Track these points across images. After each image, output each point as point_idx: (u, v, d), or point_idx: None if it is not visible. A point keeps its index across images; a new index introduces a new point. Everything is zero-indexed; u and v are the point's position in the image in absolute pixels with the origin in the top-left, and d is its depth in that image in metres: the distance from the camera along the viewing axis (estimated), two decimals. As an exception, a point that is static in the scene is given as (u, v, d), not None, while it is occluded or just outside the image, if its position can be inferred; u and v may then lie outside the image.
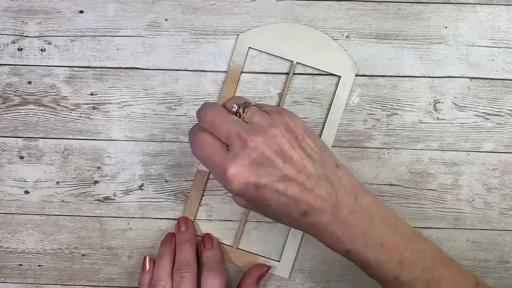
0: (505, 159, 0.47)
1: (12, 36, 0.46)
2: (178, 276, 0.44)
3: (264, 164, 0.35)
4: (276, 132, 0.35)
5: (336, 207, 0.36)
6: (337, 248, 0.38)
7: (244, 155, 0.34)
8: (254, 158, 0.34)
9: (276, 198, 0.35)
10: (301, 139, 0.36)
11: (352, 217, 0.37)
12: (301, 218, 0.36)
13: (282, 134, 0.35)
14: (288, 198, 0.35)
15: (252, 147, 0.34)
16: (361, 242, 0.37)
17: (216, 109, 0.37)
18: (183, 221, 0.46)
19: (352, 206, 0.37)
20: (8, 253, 0.48)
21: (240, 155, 0.34)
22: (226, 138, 0.35)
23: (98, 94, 0.47)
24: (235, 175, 0.34)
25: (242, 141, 0.35)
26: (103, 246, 0.48)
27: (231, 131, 0.35)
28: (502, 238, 0.47)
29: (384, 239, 0.37)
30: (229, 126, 0.36)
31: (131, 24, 0.46)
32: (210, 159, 0.36)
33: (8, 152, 0.47)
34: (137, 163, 0.47)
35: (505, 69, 0.46)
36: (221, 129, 0.36)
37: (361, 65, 0.46)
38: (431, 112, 0.46)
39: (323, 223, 0.36)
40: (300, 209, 0.36)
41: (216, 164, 0.35)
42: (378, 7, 0.46)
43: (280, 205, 0.36)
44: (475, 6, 0.46)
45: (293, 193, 0.35)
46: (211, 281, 0.44)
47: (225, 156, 0.35)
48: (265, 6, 0.46)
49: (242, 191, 0.35)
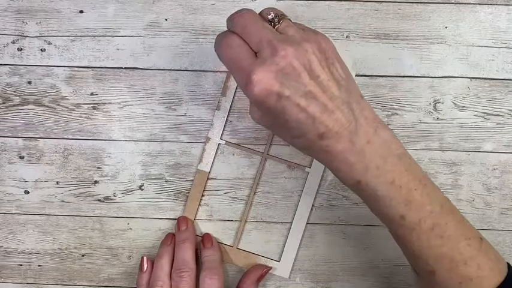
0: (505, 159, 0.47)
1: (12, 36, 0.46)
2: (177, 276, 0.44)
3: (291, 75, 0.34)
4: (308, 47, 0.34)
5: (354, 135, 0.35)
6: (346, 177, 0.37)
7: (273, 62, 0.33)
8: (282, 67, 0.33)
9: (296, 113, 0.34)
10: (330, 62, 0.35)
11: (368, 148, 0.36)
12: (317, 140, 0.35)
13: (314, 51, 0.35)
14: (307, 116, 0.34)
15: (281, 55, 0.34)
16: (372, 174, 0.36)
17: (251, 14, 0.36)
18: (183, 221, 0.46)
19: (370, 137, 0.36)
20: (8, 253, 0.48)
21: (268, 62, 0.33)
22: (257, 44, 0.34)
23: (98, 94, 0.47)
24: (260, 80, 0.33)
25: (273, 48, 0.34)
26: (103, 246, 0.48)
27: (264, 37, 0.34)
28: (502, 238, 0.47)
29: (396, 175, 0.36)
30: (262, 32, 0.35)
31: (131, 24, 0.46)
32: (236, 62, 0.35)
33: (8, 152, 0.47)
34: (137, 163, 0.47)
35: (505, 69, 0.46)
36: (253, 34, 0.35)
37: (361, 65, 0.46)
38: (431, 112, 0.46)
39: (338, 149, 0.35)
40: (318, 129, 0.35)
41: (242, 67, 0.34)
42: (378, 7, 0.46)
43: (298, 122, 0.35)
44: (475, 6, 0.46)
45: (314, 111, 0.34)
46: (210, 281, 0.44)
47: (252, 61, 0.34)
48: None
49: (263, 98, 0.34)
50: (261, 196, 0.47)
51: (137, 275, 0.46)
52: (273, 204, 0.47)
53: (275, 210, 0.47)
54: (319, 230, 0.47)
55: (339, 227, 0.47)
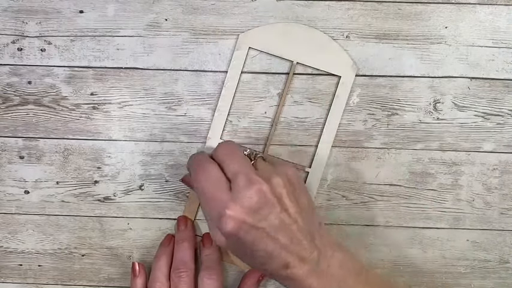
0: (505, 159, 0.47)
1: (12, 36, 0.46)
2: (175, 276, 0.44)
3: (263, 208, 0.36)
4: (279, 182, 0.37)
5: (316, 261, 0.38)
6: None
7: (248, 195, 0.36)
8: (256, 201, 0.36)
9: (265, 244, 0.36)
10: (297, 193, 0.38)
11: (328, 271, 0.38)
12: (281, 269, 0.37)
13: (284, 184, 0.37)
14: (276, 246, 0.37)
15: (256, 189, 0.36)
16: None
17: (233, 145, 0.40)
18: (183, 220, 0.46)
19: (330, 260, 0.38)
20: (8, 253, 0.48)
21: (243, 195, 0.36)
22: (234, 175, 0.37)
23: (98, 94, 0.47)
24: (233, 215, 0.36)
25: (248, 181, 0.36)
26: (103, 246, 0.48)
27: (242, 169, 0.37)
28: (502, 238, 0.47)
29: None
30: (241, 164, 0.38)
31: (131, 24, 0.46)
32: (211, 193, 0.37)
33: (8, 152, 0.47)
34: (137, 163, 0.47)
35: (505, 69, 0.46)
36: (233, 165, 0.37)
37: (361, 65, 0.46)
38: (431, 112, 0.46)
39: (301, 276, 0.37)
40: (284, 259, 0.37)
41: (216, 198, 0.37)
42: (378, 7, 0.46)
43: (265, 252, 0.37)
44: (475, 6, 0.46)
45: (283, 242, 0.37)
46: (208, 281, 0.44)
47: (227, 193, 0.36)
48: (265, 6, 0.46)
49: (235, 231, 0.36)
50: (261, 196, 0.47)
51: (130, 281, 0.46)
52: (273, 204, 0.47)
53: (275, 210, 0.47)
54: (319, 230, 0.47)
55: (339, 227, 0.47)
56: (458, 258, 0.47)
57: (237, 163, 0.38)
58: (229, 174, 0.37)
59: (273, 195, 0.36)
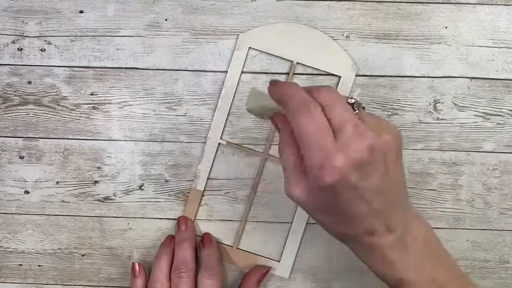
0: (505, 159, 0.47)
1: (12, 36, 0.46)
2: (176, 276, 0.44)
3: (368, 166, 0.32)
4: (388, 141, 0.33)
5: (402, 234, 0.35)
6: (387, 274, 0.36)
7: (357, 149, 0.32)
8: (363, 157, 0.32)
9: (358, 205, 0.33)
10: (400, 159, 0.35)
11: (412, 246, 0.36)
12: (364, 235, 0.35)
13: (392, 145, 0.33)
14: (368, 210, 0.33)
15: (367, 144, 0.32)
16: (415, 272, 0.36)
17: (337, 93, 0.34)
18: (183, 221, 0.46)
19: (414, 235, 0.36)
20: (8, 253, 0.48)
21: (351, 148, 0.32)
22: (341, 123, 0.32)
23: (98, 94, 0.47)
24: (339, 167, 0.31)
25: (359, 134, 0.32)
26: (103, 246, 0.48)
27: (349, 119, 0.32)
28: (502, 238, 0.47)
29: (436, 273, 0.36)
30: (348, 113, 0.33)
31: (131, 24, 0.46)
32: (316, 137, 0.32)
33: (8, 152, 0.47)
34: (137, 163, 0.47)
35: (505, 69, 0.46)
36: (338, 112, 0.33)
37: (361, 65, 0.46)
38: (431, 112, 0.46)
39: (384, 246, 0.35)
40: (371, 225, 0.34)
41: (321, 145, 0.32)
42: (378, 7, 0.46)
43: (355, 214, 0.33)
44: (475, 6, 0.46)
45: (377, 207, 0.33)
46: (208, 281, 0.43)
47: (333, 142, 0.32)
48: (265, 6, 0.46)
49: (336, 184, 0.32)
50: (261, 196, 0.47)
51: (130, 281, 0.46)
52: (273, 204, 0.47)
53: (275, 210, 0.47)
54: (319, 230, 0.47)
55: (339, 227, 0.47)
56: (458, 258, 0.47)
57: (344, 111, 0.33)
58: (335, 121, 0.32)
59: (381, 153, 0.32)
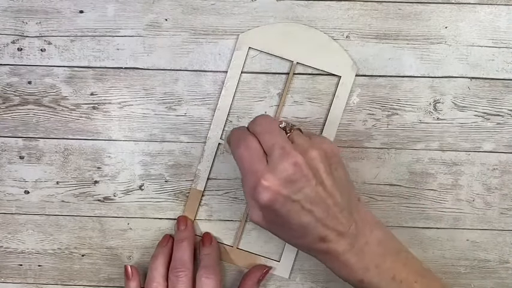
0: (505, 159, 0.47)
1: (12, 36, 0.46)
2: (173, 275, 0.44)
3: (299, 180, 0.36)
4: (315, 155, 0.37)
5: (354, 237, 0.38)
6: (348, 277, 0.39)
7: (283, 168, 0.36)
8: (291, 173, 0.36)
9: (299, 217, 0.36)
10: (334, 167, 0.38)
11: (367, 248, 0.38)
12: (318, 243, 0.37)
13: (320, 158, 0.37)
14: (312, 219, 0.37)
15: (292, 162, 0.36)
16: (373, 272, 0.38)
17: (269, 119, 0.39)
18: (183, 220, 0.46)
19: (368, 237, 0.38)
20: (8, 253, 0.48)
21: (278, 168, 0.36)
22: (270, 147, 0.37)
23: (98, 94, 0.47)
24: (269, 186, 0.36)
25: (285, 154, 0.36)
26: (103, 246, 0.48)
27: (278, 142, 0.37)
28: (502, 238, 0.47)
29: (396, 271, 0.39)
30: (278, 138, 0.37)
31: (131, 24, 0.46)
32: (249, 163, 0.37)
33: (8, 152, 0.47)
34: (137, 163, 0.47)
35: (505, 69, 0.46)
36: (270, 138, 0.37)
37: (361, 65, 0.46)
38: (431, 112, 0.46)
39: (338, 251, 0.37)
40: (320, 233, 0.37)
41: (253, 169, 0.37)
42: (378, 7, 0.46)
43: (301, 225, 0.37)
44: (475, 6, 0.46)
45: (319, 215, 0.36)
46: (207, 281, 0.43)
47: (264, 165, 0.36)
48: (265, 6, 0.46)
49: (270, 202, 0.36)
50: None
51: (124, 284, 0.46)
52: (273, 204, 0.47)
53: (275, 210, 0.47)
54: (319, 230, 0.47)
55: (339, 227, 0.47)
56: (458, 258, 0.47)
57: (273, 136, 0.37)
58: (265, 146, 0.37)
59: (309, 168, 0.36)
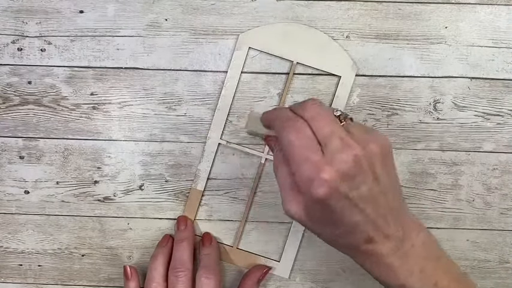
0: (505, 159, 0.47)
1: (12, 36, 0.46)
2: (173, 275, 0.44)
3: (358, 176, 0.33)
4: (374, 149, 0.34)
5: (400, 240, 0.36)
6: (389, 281, 0.36)
7: (342, 161, 0.33)
8: (350, 167, 0.33)
9: (352, 214, 0.34)
10: (389, 165, 0.35)
11: (412, 252, 0.36)
12: (363, 243, 0.35)
13: (378, 153, 0.34)
14: (363, 218, 0.34)
15: (352, 154, 0.33)
16: (416, 277, 0.36)
17: (322, 105, 0.35)
18: (183, 220, 0.46)
19: (414, 241, 0.36)
20: (8, 253, 0.48)
21: (338, 159, 0.33)
22: (326, 137, 0.33)
23: (98, 94, 0.47)
24: (328, 180, 0.32)
25: (344, 145, 0.33)
26: (103, 246, 0.48)
27: (335, 132, 0.33)
28: (502, 238, 0.47)
29: (438, 277, 0.36)
30: (334, 126, 0.34)
31: (131, 24, 0.46)
32: (303, 152, 0.33)
33: (8, 152, 0.47)
34: (137, 163, 0.47)
35: (505, 69, 0.46)
36: (324, 126, 0.34)
37: (361, 65, 0.46)
38: (431, 112, 0.46)
39: (383, 253, 0.35)
40: (368, 233, 0.35)
41: (308, 159, 0.33)
42: (378, 7, 0.46)
43: (350, 223, 0.34)
44: (475, 6, 0.46)
45: (371, 214, 0.34)
46: (206, 281, 0.43)
47: (320, 155, 0.33)
48: (265, 6, 0.46)
49: (326, 196, 0.33)
50: (261, 196, 0.47)
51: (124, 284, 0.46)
52: (273, 204, 0.47)
53: (275, 210, 0.47)
54: (319, 230, 0.47)
55: (339, 227, 0.47)
56: (458, 258, 0.47)
57: (329, 124, 0.34)
58: (320, 135, 0.33)
59: (368, 163, 0.33)
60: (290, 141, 0.34)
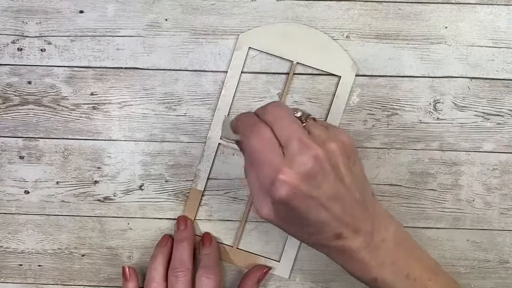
0: (505, 159, 0.47)
1: (12, 36, 0.46)
2: (172, 275, 0.44)
3: (318, 175, 0.34)
4: (334, 148, 0.34)
5: (369, 234, 0.36)
6: (362, 275, 0.37)
7: (302, 161, 0.33)
8: (310, 167, 0.33)
9: (317, 213, 0.34)
10: (352, 161, 0.36)
11: (382, 245, 0.37)
12: (333, 240, 0.36)
13: (340, 151, 0.35)
14: (329, 216, 0.35)
15: (311, 155, 0.33)
16: (388, 270, 0.37)
17: (283, 107, 0.36)
18: (183, 220, 0.46)
19: (383, 234, 0.37)
20: (8, 253, 0.48)
21: (297, 160, 0.33)
22: (286, 138, 0.34)
23: (98, 94, 0.47)
24: (287, 180, 0.33)
25: (304, 146, 0.33)
26: (103, 246, 0.48)
27: (294, 133, 0.34)
28: (502, 238, 0.47)
29: (410, 268, 0.37)
30: (293, 128, 0.34)
31: (131, 24, 0.46)
32: (263, 155, 0.34)
33: (8, 152, 0.47)
34: (137, 163, 0.47)
35: (505, 69, 0.46)
36: (284, 128, 0.34)
37: (361, 65, 0.46)
38: (431, 112, 0.46)
39: (353, 248, 0.36)
40: (336, 230, 0.35)
41: (268, 162, 0.34)
42: (378, 7, 0.46)
43: (317, 222, 0.35)
44: (475, 6, 0.46)
45: (336, 212, 0.35)
46: (206, 280, 0.43)
47: (280, 157, 0.33)
48: (265, 6, 0.46)
49: (288, 197, 0.33)
50: (261, 196, 0.47)
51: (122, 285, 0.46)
52: (273, 204, 0.47)
53: (275, 210, 0.47)
54: (319, 230, 0.47)
55: (339, 227, 0.47)
56: (458, 258, 0.47)
57: (290, 126, 0.34)
58: (281, 138, 0.34)
59: (328, 162, 0.34)
60: (252, 145, 0.34)
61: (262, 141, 0.34)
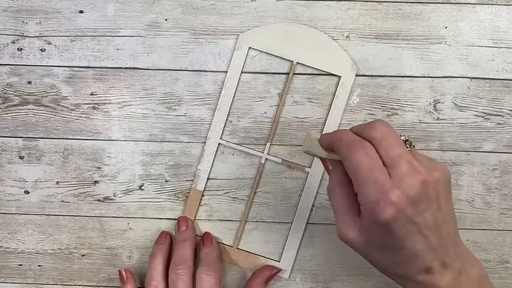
0: (505, 159, 0.47)
1: (12, 36, 0.46)
2: (173, 273, 0.43)
3: (424, 202, 0.33)
4: (439, 177, 0.34)
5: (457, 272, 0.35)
6: None
7: (410, 185, 0.32)
8: (418, 192, 0.32)
9: (414, 240, 0.33)
10: (449, 195, 0.35)
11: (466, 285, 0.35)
12: (421, 273, 0.34)
13: (443, 181, 0.34)
14: (425, 246, 0.33)
15: (420, 179, 0.33)
16: None
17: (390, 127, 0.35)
18: (183, 221, 0.46)
19: (469, 274, 0.36)
20: (8, 253, 0.48)
21: (406, 183, 0.32)
22: (394, 159, 0.33)
23: (98, 94, 0.47)
24: (396, 202, 0.32)
25: (413, 170, 0.33)
26: (103, 246, 0.48)
27: (403, 155, 0.33)
28: (502, 238, 0.47)
29: None
30: (402, 149, 0.34)
31: (131, 24, 0.46)
32: (370, 173, 0.33)
33: (8, 152, 0.47)
34: (137, 163, 0.47)
35: (505, 69, 0.46)
36: (392, 147, 0.33)
37: (361, 65, 0.46)
38: (431, 112, 0.46)
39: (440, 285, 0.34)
40: (428, 263, 0.34)
41: (375, 180, 0.32)
42: (378, 7, 0.46)
43: (411, 250, 0.33)
44: (475, 6, 0.46)
45: (433, 242, 0.34)
46: (206, 277, 0.43)
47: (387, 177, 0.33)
48: (265, 6, 0.46)
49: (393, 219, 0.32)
50: (261, 196, 0.47)
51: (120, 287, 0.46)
52: (273, 204, 0.47)
53: (275, 210, 0.47)
54: (319, 230, 0.47)
55: (339, 227, 0.47)
56: (458, 258, 0.47)
57: (398, 146, 0.33)
58: (388, 157, 0.33)
59: (434, 190, 0.33)
60: (357, 162, 0.33)
61: (369, 160, 0.33)
